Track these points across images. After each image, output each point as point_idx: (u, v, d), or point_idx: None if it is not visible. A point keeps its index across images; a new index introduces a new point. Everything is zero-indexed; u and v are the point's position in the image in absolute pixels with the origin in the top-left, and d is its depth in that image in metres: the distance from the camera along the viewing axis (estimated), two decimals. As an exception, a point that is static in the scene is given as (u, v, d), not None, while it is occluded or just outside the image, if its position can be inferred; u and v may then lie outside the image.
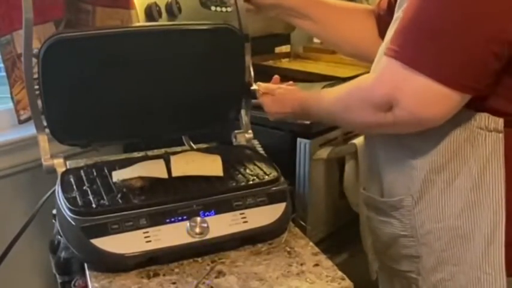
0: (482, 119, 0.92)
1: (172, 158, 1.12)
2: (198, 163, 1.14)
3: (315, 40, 2.09)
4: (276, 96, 1.18)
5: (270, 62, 1.87)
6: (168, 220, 0.98)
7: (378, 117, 0.92)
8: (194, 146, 1.29)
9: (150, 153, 1.16)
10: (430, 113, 0.89)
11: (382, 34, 1.10)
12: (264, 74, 1.68)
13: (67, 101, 1.09)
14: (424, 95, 0.87)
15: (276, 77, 1.26)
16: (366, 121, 0.96)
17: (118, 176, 1.06)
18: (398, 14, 0.97)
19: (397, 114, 0.89)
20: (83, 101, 1.09)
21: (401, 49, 0.88)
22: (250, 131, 1.28)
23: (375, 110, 0.92)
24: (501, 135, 0.92)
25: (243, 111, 1.27)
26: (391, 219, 1.04)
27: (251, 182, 1.08)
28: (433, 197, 0.97)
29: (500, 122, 0.91)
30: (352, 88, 1.00)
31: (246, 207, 1.03)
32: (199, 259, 0.99)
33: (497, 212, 0.92)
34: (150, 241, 0.96)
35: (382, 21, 1.16)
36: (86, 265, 0.97)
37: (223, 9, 1.74)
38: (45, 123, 1.08)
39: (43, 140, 1.08)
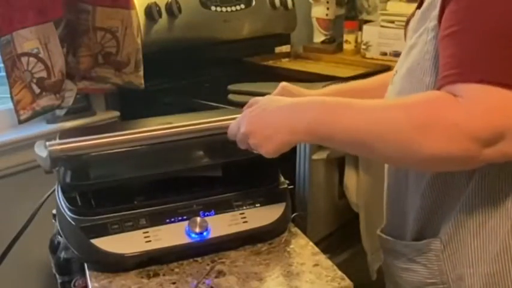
0: None
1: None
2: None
3: (315, 40, 2.09)
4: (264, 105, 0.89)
5: (270, 62, 1.87)
6: (168, 220, 0.98)
7: (474, 151, 0.72)
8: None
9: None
10: None
11: None
12: (264, 74, 1.68)
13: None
14: None
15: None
16: (452, 153, 0.72)
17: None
18: (413, 41, 0.85)
19: (507, 150, 0.72)
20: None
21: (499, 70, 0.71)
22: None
23: (473, 143, 0.71)
24: None
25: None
26: (415, 265, 0.92)
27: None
28: (464, 239, 0.86)
29: None
30: (429, 105, 0.74)
31: (246, 207, 1.03)
32: (199, 259, 0.99)
33: None
34: (150, 241, 0.96)
35: None
36: (86, 265, 0.97)
37: (223, 9, 1.74)
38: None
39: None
